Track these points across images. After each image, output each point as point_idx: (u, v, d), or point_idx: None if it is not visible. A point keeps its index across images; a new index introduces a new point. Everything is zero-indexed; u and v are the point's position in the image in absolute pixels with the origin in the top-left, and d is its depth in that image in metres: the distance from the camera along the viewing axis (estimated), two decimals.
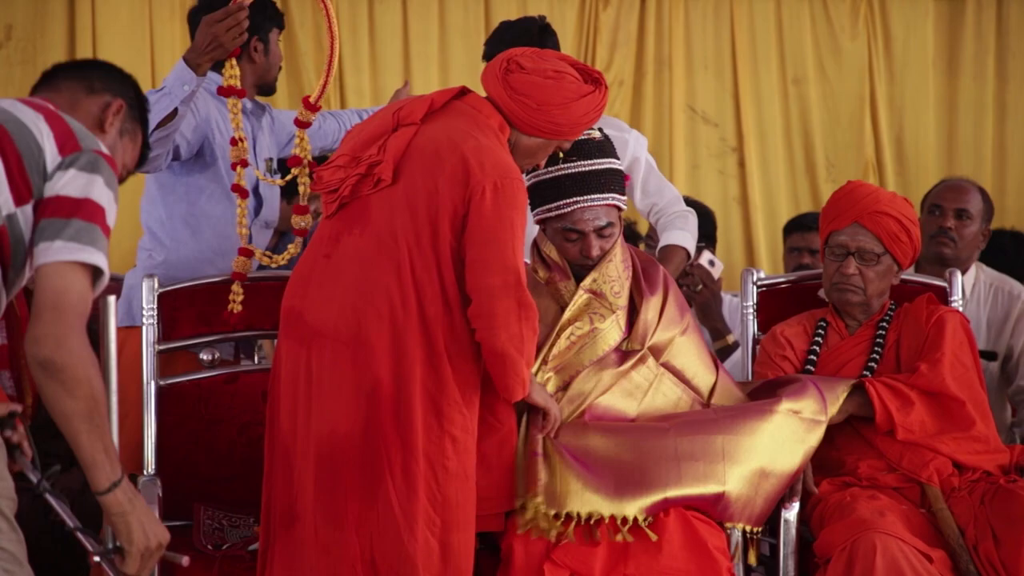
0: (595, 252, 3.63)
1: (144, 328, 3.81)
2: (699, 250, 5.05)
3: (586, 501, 3.43)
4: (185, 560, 2.80)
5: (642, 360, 3.68)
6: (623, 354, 3.68)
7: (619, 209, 3.68)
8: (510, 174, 3.22)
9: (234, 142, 3.99)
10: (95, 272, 2.60)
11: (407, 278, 3.20)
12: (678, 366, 3.73)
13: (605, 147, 3.66)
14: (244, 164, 4.00)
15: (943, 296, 4.24)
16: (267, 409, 3.36)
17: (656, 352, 3.71)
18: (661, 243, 4.59)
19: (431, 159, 3.21)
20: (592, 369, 3.63)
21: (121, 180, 2.84)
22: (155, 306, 3.82)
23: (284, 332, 3.32)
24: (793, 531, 3.67)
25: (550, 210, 3.63)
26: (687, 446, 3.55)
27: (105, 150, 2.68)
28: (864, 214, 4.03)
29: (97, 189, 2.61)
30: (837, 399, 3.78)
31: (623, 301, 3.67)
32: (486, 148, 3.22)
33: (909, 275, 4.30)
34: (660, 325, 3.72)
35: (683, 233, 4.58)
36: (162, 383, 3.84)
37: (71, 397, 2.51)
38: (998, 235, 5.46)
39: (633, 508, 3.45)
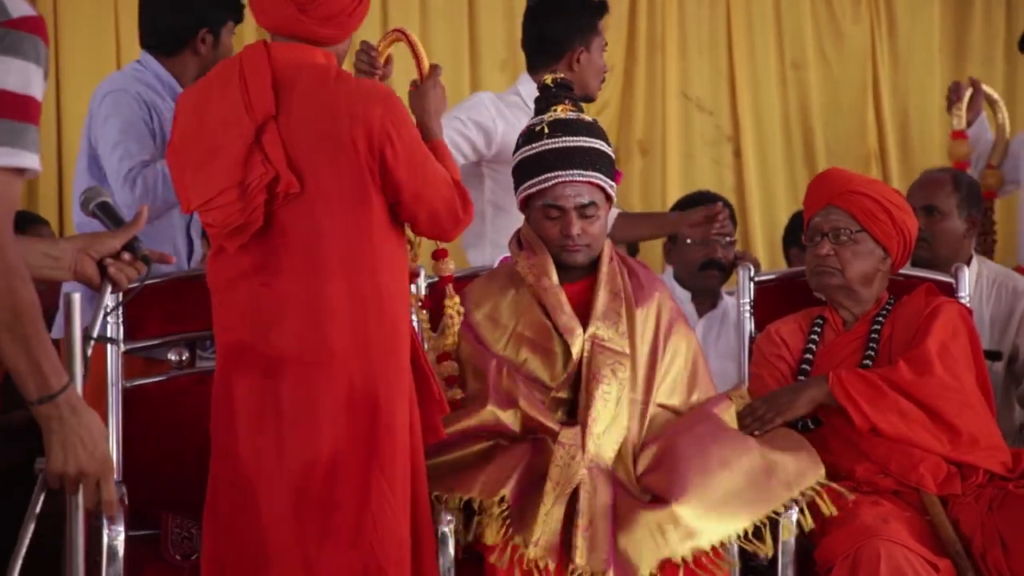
0: (575, 231, 3.65)
1: (108, 328, 3.81)
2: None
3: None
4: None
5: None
6: None
7: (605, 193, 3.70)
8: (388, 98, 3.18)
9: None
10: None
11: (347, 277, 3.18)
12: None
13: (594, 128, 3.71)
14: None
15: (948, 291, 4.24)
16: (214, 450, 3.32)
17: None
18: None
19: (323, 144, 3.15)
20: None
21: None
22: (119, 301, 3.81)
23: (235, 367, 3.26)
24: (792, 539, 3.69)
25: (532, 185, 3.66)
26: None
27: (23, 11, 2.37)
28: (835, 195, 4.08)
29: (11, 73, 2.34)
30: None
31: (625, 335, 3.68)
32: (357, 96, 3.16)
33: (913, 271, 4.32)
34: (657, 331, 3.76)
35: None
36: (127, 385, 3.84)
37: None
38: None
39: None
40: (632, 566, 3.42)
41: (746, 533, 3.58)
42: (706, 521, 3.51)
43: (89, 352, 2.84)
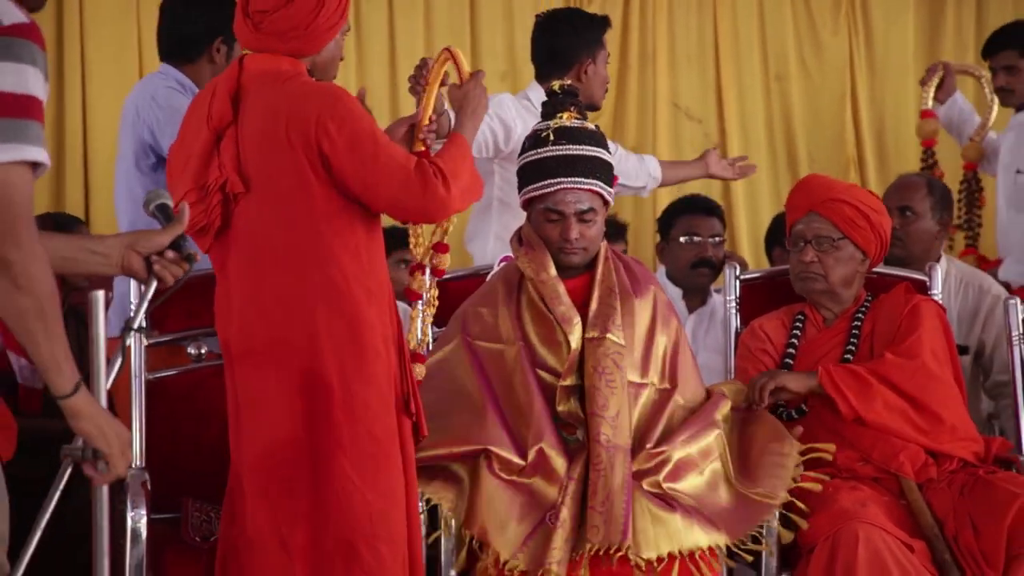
0: (574, 235, 3.64)
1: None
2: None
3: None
4: None
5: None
6: None
7: (603, 199, 3.69)
8: (331, 95, 3.15)
9: None
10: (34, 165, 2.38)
11: (292, 270, 3.15)
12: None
13: (595, 136, 3.68)
14: None
15: (922, 289, 4.26)
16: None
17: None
18: None
19: (266, 146, 3.14)
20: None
21: None
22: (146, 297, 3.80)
23: (225, 361, 3.31)
24: (775, 522, 3.68)
25: (535, 189, 3.65)
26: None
27: (15, 18, 2.38)
28: (818, 203, 4.07)
29: (6, 75, 2.34)
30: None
31: (621, 327, 3.66)
32: (293, 95, 3.14)
33: (888, 268, 4.32)
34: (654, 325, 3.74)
35: None
36: (149, 377, 3.83)
37: (22, 294, 2.34)
38: None
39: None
40: (639, 546, 3.42)
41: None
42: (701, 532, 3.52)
43: (129, 342, 2.86)
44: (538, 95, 4.68)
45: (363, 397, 3.16)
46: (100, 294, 3.27)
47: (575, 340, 3.61)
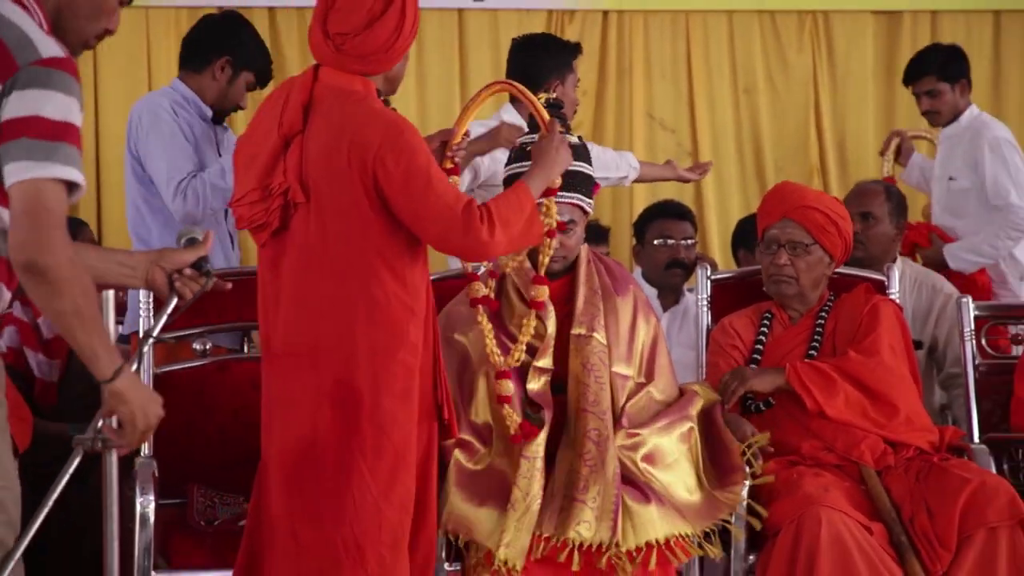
0: (555, 245, 3.62)
1: (140, 319, 3.80)
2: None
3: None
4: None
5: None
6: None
7: (583, 211, 3.67)
8: (393, 128, 3.10)
9: None
10: (70, 186, 2.41)
11: (337, 281, 3.12)
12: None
13: (579, 152, 3.62)
14: None
15: (881, 288, 4.28)
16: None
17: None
18: None
19: (327, 163, 3.10)
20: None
21: (127, 3, 2.62)
22: (150, 300, 3.80)
23: (262, 352, 3.29)
24: (744, 507, 3.68)
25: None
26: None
27: (53, 52, 2.40)
28: (792, 209, 4.08)
29: (46, 103, 2.37)
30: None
31: (603, 326, 3.64)
32: (359, 121, 3.10)
33: (848, 269, 4.33)
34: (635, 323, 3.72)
35: None
36: (157, 371, 3.83)
37: (59, 296, 2.37)
38: None
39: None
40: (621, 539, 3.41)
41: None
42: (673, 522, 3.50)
43: (145, 349, 2.90)
44: (511, 116, 4.76)
45: (391, 411, 3.12)
46: (110, 293, 3.27)
47: (551, 325, 3.59)
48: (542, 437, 3.45)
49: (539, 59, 4.92)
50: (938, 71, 5.69)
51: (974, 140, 5.61)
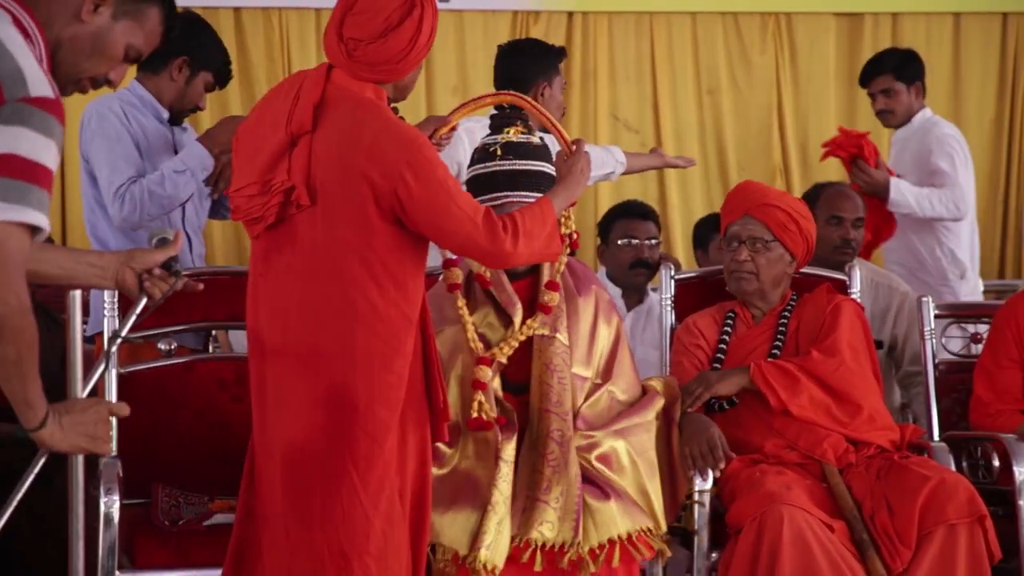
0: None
1: (104, 320, 3.78)
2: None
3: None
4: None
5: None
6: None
7: None
8: (413, 144, 3.07)
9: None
10: (34, 229, 2.36)
11: (350, 282, 3.08)
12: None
13: (541, 151, 3.63)
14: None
15: (843, 288, 4.31)
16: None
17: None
18: None
19: (338, 169, 3.06)
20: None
21: (134, 60, 2.60)
22: (115, 300, 3.79)
23: (250, 348, 3.24)
24: (707, 504, 3.70)
25: (484, 202, 3.60)
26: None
27: (42, 92, 2.36)
28: (753, 207, 4.11)
29: (23, 142, 2.32)
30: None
31: (566, 327, 3.64)
32: (378, 136, 3.06)
33: (811, 269, 4.36)
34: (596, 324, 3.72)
35: None
36: (122, 371, 3.81)
37: (4, 343, 2.34)
38: None
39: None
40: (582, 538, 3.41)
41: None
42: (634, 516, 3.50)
43: (114, 349, 2.90)
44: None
45: (384, 420, 3.09)
46: (77, 294, 3.26)
47: (517, 321, 3.60)
48: (514, 440, 3.46)
49: (525, 63, 5.00)
50: (895, 71, 5.75)
51: (923, 139, 5.69)
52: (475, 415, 3.47)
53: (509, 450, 3.44)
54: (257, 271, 3.18)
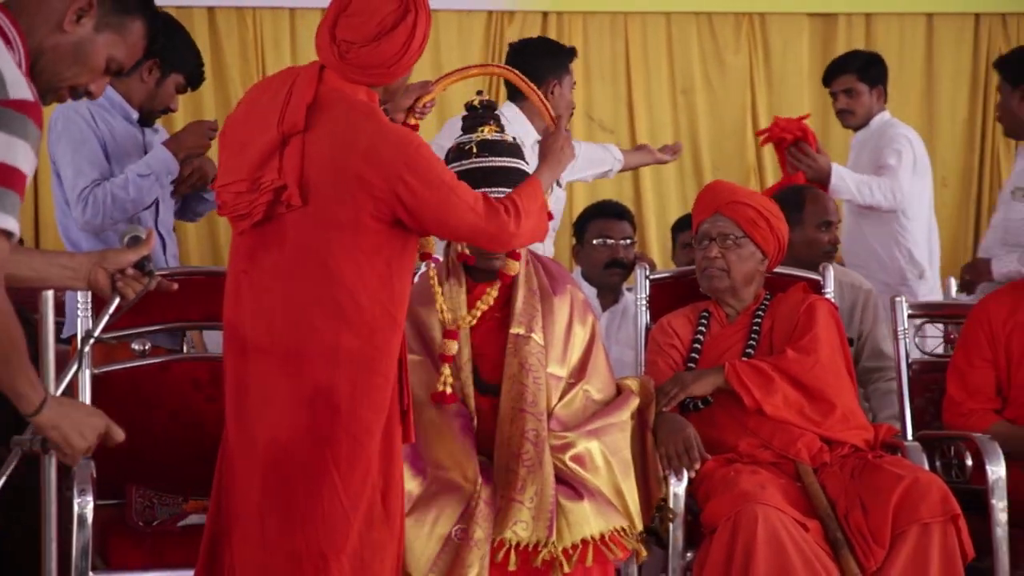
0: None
1: (79, 320, 3.76)
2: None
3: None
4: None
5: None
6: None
7: None
8: (409, 145, 3.08)
9: None
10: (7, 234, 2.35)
11: (340, 283, 3.08)
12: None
13: (515, 149, 3.65)
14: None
15: (817, 288, 4.31)
16: (226, 411, 3.26)
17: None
18: None
19: (333, 172, 3.06)
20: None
21: (118, 73, 2.60)
22: (88, 301, 3.76)
23: (226, 343, 3.22)
24: (682, 504, 3.70)
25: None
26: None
27: (20, 95, 2.34)
28: (723, 204, 4.13)
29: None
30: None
31: (541, 327, 3.65)
32: (375, 140, 3.06)
33: (785, 269, 4.37)
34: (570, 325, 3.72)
35: None
36: (96, 372, 3.79)
37: None
38: None
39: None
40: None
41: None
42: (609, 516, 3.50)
43: (87, 349, 2.89)
44: (512, 112, 4.97)
45: (367, 423, 3.09)
46: (49, 294, 3.23)
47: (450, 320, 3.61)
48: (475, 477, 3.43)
49: (536, 61, 5.05)
50: (859, 71, 5.79)
51: (879, 140, 5.73)
52: (440, 389, 3.51)
53: (483, 488, 3.42)
54: (240, 268, 3.17)
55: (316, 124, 3.08)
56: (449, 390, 3.53)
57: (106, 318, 2.86)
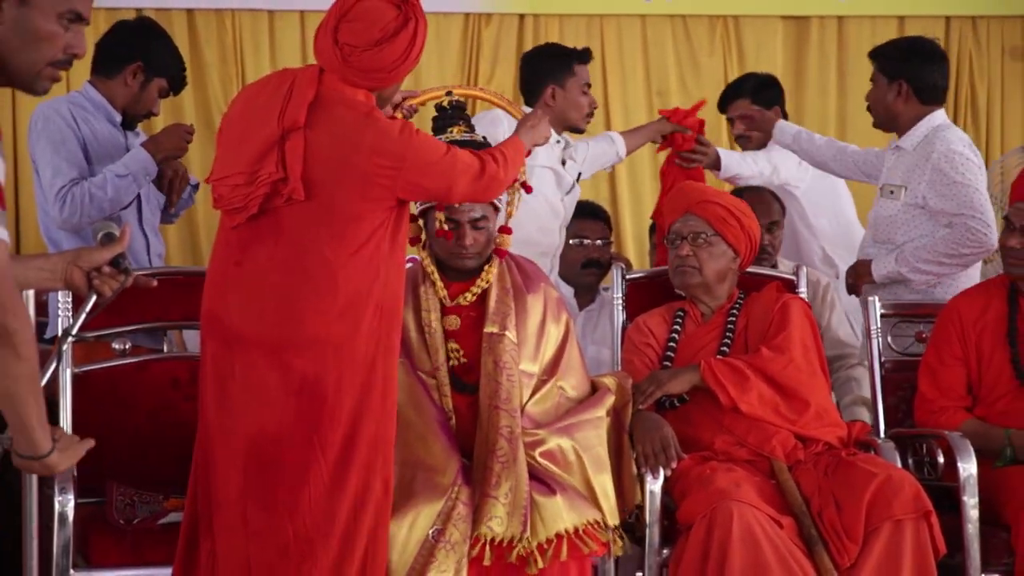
0: (468, 241, 3.63)
1: (59, 319, 3.75)
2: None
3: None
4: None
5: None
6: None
7: (495, 207, 3.69)
8: (408, 137, 3.19)
9: None
10: None
11: (335, 278, 3.12)
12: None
13: (484, 148, 3.65)
14: None
15: (791, 287, 4.33)
16: (199, 401, 3.28)
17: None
18: None
19: (335, 168, 3.13)
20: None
21: (83, 20, 2.41)
22: (68, 300, 3.75)
23: (207, 332, 3.24)
24: (658, 501, 3.70)
25: (431, 200, 3.62)
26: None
27: None
28: (693, 204, 4.16)
29: None
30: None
31: (515, 325, 3.65)
32: (379, 136, 3.15)
33: (759, 269, 4.39)
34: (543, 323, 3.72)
35: None
36: (76, 371, 3.78)
37: (21, 361, 2.25)
38: None
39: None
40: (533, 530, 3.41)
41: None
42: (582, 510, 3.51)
43: (65, 348, 2.86)
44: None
45: (353, 411, 3.14)
46: (30, 293, 3.23)
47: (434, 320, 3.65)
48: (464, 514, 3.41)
49: (535, 68, 5.14)
50: (752, 94, 5.69)
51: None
52: (453, 363, 3.60)
53: (461, 489, 3.43)
54: (232, 260, 3.20)
55: (317, 122, 3.14)
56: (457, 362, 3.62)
57: (83, 316, 2.84)
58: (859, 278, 4.71)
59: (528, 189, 3.71)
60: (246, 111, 3.26)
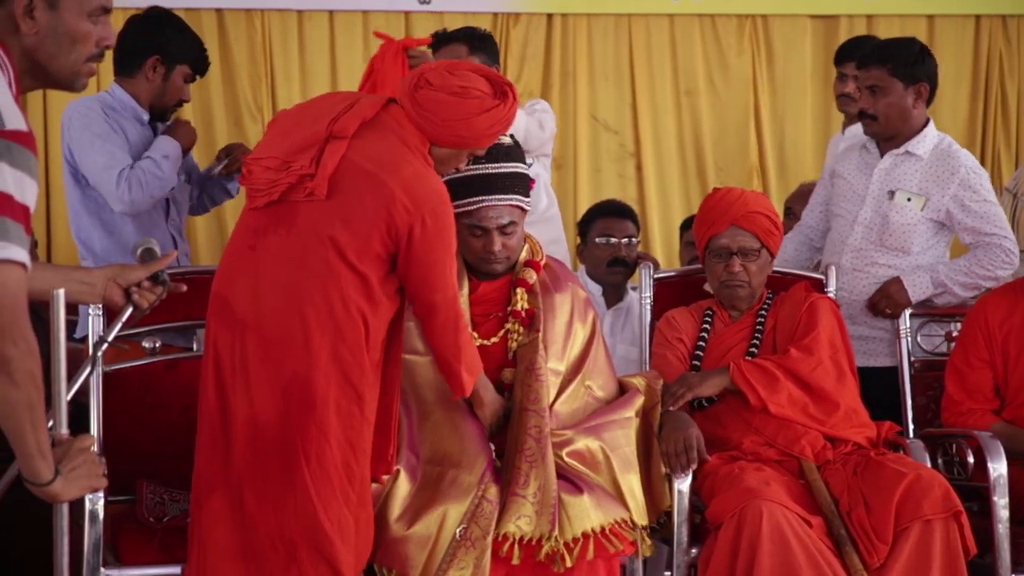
0: (497, 247, 3.62)
1: (90, 319, 3.76)
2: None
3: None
4: None
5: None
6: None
7: (522, 210, 3.67)
8: (442, 201, 3.18)
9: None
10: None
11: (334, 283, 3.13)
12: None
13: (512, 152, 3.63)
14: None
15: (819, 287, 4.32)
16: (200, 382, 3.29)
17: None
18: None
19: (366, 181, 3.14)
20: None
21: (110, 10, 2.46)
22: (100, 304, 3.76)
23: (213, 313, 3.25)
24: (686, 501, 3.69)
25: (458, 207, 3.60)
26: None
27: (16, 125, 2.25)
28: (739, 216, 4.09)
29: (5, 177, 2.21)
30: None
31: (541, 327, 3.65)
32: (419, 176, 3.16)
33: (789, 268, 4.37)
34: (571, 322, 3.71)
35: None
36: (106, 369, 3.79)
37: (17, 388, 2.25)
38: None
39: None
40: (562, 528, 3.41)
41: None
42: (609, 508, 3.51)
43: (100, 353, 2.95)
44: (543, 104, 5.14)
45: (335, 426, 3.15)
46: (61, 292, 3.22)
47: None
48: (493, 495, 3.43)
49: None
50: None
51: None
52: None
53: (488, 487, 3.44)
54: (247, 243, 3.22)
55: (364, 137, 3.17)
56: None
57: (119, 325, 2.91)
58: (897, 307, 4.57)
59: (537, 268, 3.70)
60: (304, 109, 3.33)
